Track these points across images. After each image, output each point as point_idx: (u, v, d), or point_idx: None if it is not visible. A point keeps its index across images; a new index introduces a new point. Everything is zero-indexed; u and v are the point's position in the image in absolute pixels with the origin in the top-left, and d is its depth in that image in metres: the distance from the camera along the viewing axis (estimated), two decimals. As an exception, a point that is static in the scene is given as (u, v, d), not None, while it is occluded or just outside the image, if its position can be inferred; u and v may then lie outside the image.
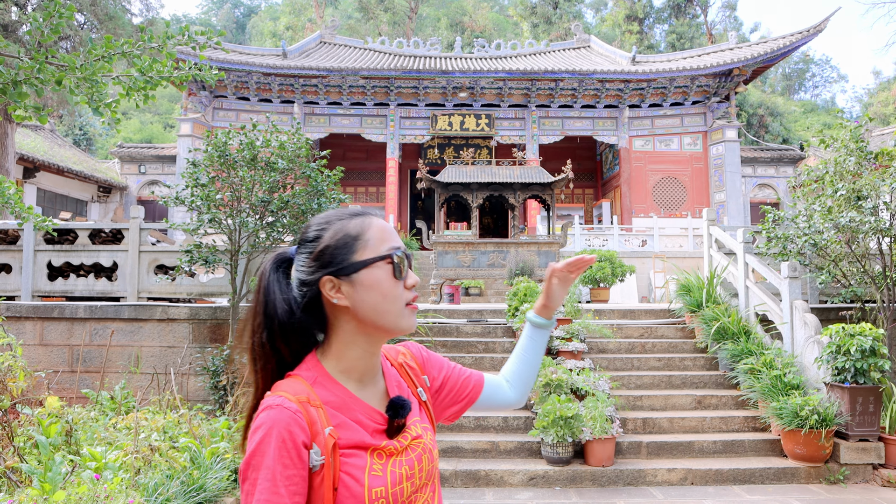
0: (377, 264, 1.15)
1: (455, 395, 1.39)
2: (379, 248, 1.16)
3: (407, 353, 1.37)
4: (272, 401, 1.09)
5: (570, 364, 6.80)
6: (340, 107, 22.58)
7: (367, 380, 1.20)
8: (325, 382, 1.15)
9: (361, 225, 1.18)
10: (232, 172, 7.22)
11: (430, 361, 1.40)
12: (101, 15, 16.85)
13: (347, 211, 1.22)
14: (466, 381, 1.41)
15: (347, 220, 1.19)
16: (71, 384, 7.56)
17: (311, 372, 1.16)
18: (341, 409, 1.13)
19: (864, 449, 5.84)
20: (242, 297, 7.53)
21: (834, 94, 61.90)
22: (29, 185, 20.45)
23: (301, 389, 1.11)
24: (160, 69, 3.71)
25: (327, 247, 1.17)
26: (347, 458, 1.09)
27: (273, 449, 1.04)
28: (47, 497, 3.49)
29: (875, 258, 7.35)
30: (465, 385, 1.40)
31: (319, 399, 1.12)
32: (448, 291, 11.89)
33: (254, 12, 58.10)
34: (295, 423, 1.06)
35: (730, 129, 21.72)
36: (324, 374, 1.16)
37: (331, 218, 1.20)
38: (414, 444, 1.19)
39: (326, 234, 1.18)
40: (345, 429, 1.11)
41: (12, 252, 8.90)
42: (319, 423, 1.09)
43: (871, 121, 8.09)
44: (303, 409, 1.08)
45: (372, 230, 1.17)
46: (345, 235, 1.17)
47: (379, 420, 1.16)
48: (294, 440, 1.05)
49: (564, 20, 37.62)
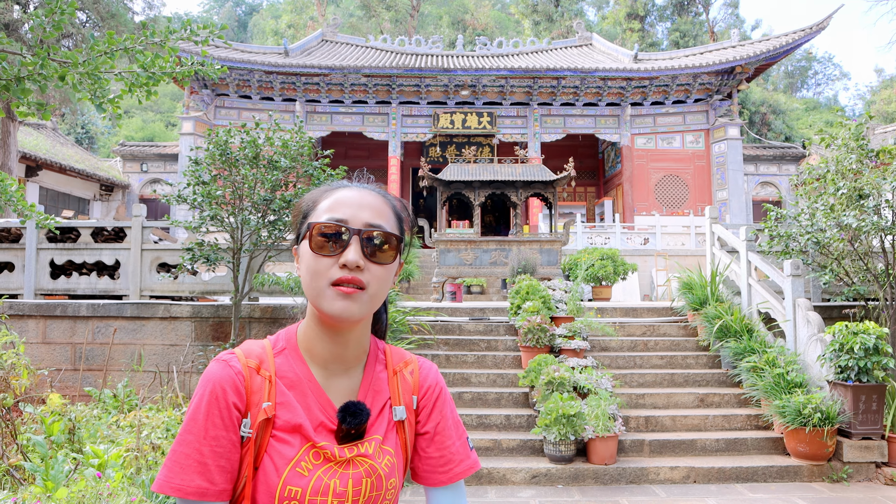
0: (307, 234, 1.04)
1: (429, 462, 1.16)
2: (320, 216, 1.04)
3: (412, 366, 1.20)
4: (222, 355, 1.05)
5: (573, 362, 6.80)
6: (342, 105, 22.57)
7: (333, 369, 1.09)
8: (290, 355, 1.08)
9: (327, 194, 1.09)
10: (234, 171, 7.22)
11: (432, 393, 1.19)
12: (104, 13, 16.87)
13: (334, 182, 1.14)
14: (450, 459, 1.16)
15: (324, 189, 1.12)
16: (74, 382, 7.57)
17: (283, 340, 1.10)
18: (294, 388, 1.05)
19: (867, 447, 5.83)
20: (244, 295, 7.53)
21: (836, 91, 61.84)
22: (31, 183, 20.47)
23: (257, 354, 1.06)
24: (162, 65, 3.71)
25: (295, 215, 1.13)
26: (278, 441, 1.01)
27: (206, 405, 0.99)
28: (50, 494, 3.50)
29: (878, 256, 7.33)
30: (447, 462, 1.16)
31: (274, 369, 1.05)
32: (450, 289, 11.90)
33: (255, 10, 58.09)
34: (231, 383, 1.01)
35: (732, 127, 21.68)
36: (293, 346, 1.09)
37: (322, 186, 1.14)
38: (358, 461, 1.04)
39: (303, 200, 1.13)
40: (288, 409, 1.03)
41: (15, 250, 8.91)
42: (260, 394, 1.02)
43: (872, 119, 8.07)
44: (247, 373, 1.03)
45: (329, 199, 1.07)
46: (309, 203, 1.11)
47: (332, 417, 1.06)
48: (227, 399, 1.00)
49: (566, 18, 37.56)
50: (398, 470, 1.11)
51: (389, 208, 1.11)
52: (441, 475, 1.15)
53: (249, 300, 8.25)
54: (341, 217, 1.03)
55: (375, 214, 1.06)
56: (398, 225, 1.10)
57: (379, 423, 1.10)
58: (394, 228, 1.08)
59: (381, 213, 1.08)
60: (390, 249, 1.05)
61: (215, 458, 0.98)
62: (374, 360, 1.15)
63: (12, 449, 4.33)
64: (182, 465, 0.97)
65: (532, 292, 8.09)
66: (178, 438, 0.99)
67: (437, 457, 1.16)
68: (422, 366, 1.21)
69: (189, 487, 0.96)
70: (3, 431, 4.39)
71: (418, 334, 7.74)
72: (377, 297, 1.05)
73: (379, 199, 1.10)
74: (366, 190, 1.10)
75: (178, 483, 0.96)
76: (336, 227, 1.02)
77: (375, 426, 1.09)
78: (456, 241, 12.51)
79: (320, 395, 1.07)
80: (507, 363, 7.56)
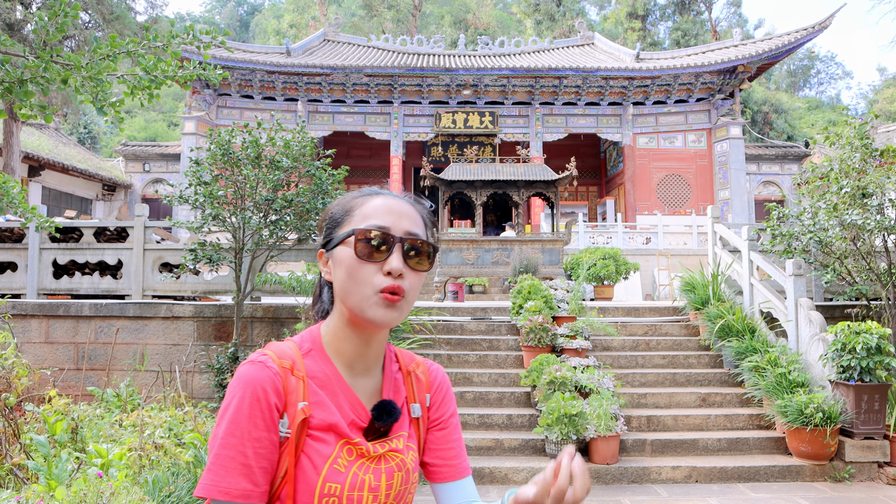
0: (347, 240, 1.06)
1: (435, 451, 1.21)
2: (360, 223, 1.07)
3: (422, 366, 1.25)
4: (256, 357, 1.06)
5: (575, 361, 6.80)
6: (344, 105, 22.58)
7: (358, 368, 1.12)
8: (317, 356, 1.10)
9: (362, 200, 1.12)
10: (236, 170, 7.23)
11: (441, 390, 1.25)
12: (106, 14, 16.89)
13: (366, 189, 1.16)
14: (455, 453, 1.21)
15: (357, 195, 1.14)
16: (76, 382, 7.59)
17: (308, 341, 1.12)
18: (325, 388, 1.07)
19: (869, 447, 5.82)
20: (246, 294, 7.54)
21: (839, 90, 61.62)
22: (34, 183, 20.52)
23: (289, 355, 1.08)
24: (164, 68, 3.72)
25: (324, 220, 1.15)
26: (315, 440, 1.03)
27: (247, 407, 0.99)
28: (53, 494, 3.51)
29: (881, 256, 7.32)
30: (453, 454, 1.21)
31: (305, 370, 1.07)
32: (452, 289, 11.90)
33: (257, 10, 58.13)
34: (271, 383, 1.02)
35: (734, 127, 21.65)
36: (319, 347, 1.12)
37: (352, 193, 1.16)
38: (390, 456, 1.09)
39: (334, 206, 1.16)
40: (322, 408, 1.05)
41: (18, 250, 8.93)
42: (296, 394, 1.04)
43: (877, 118, 8.05)
44: (283, 374, 1.04)
45: (366, 206, 1.10)
46: (340, 210, 1.13)
47: (361, 415, 1.09)
48: (268, 400, 1.01)
49: (568, 17, 37.54)
50: (418, 464, 1.17)
51: (420, 215, 1.14)
52: (451, 469, 1.20)
53: (252, 300, 8.27)
54: (384, 224, 1.06)
55: (413, 222, 1.10)
56: (426, 231, 1.14)
57: (402, 420, 1.15)
58: (426, 236, 1.13)
59: (417, 221, 1.12)
60: (426, 257, 1.10)
61: (258, 460, 0.99)
62: (389, 360, 1.20)
63: (15, 448, 4.35)
64: (227, 468, 0.97)
65: (534, 292, 8.09)
66: (220, 441, 0.99)
67: (447, 450, 1.21)
68: (430, 366, 1.26)
69: (235, 490, 0.97)
70: (6, 430, 4.40)
71: (420, 334, 7.75)
72: (412, 303, 1.09)
73: (412, 206, 1.14)
74: (400, 198, 1.13)
75: (224, 486, 0.97)
76: (380, 235, 1.05)
77: (399, 423, 1.14)
78: (458, 241, 12.52)
79: (349, 395, 1.10)
80: (508, 363, 7.57)
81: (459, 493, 1.19)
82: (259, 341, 7.79)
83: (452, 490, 1.19)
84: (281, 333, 7.73)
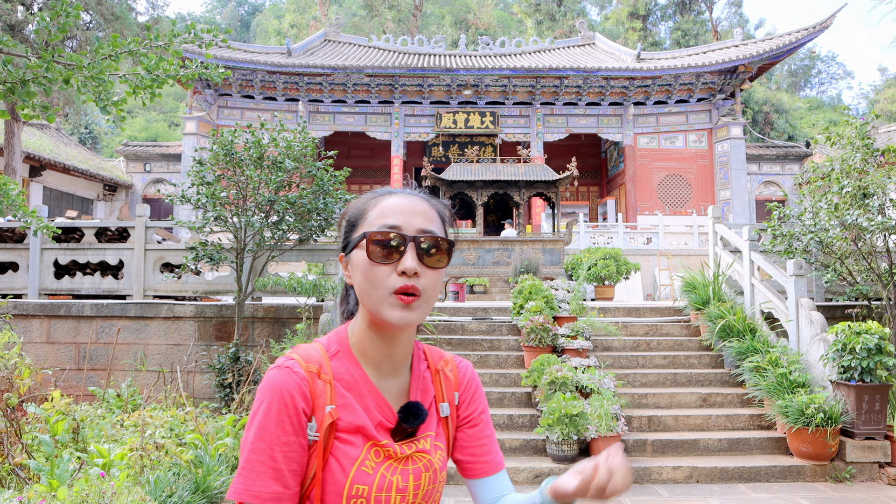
0: (361, 243, 1.06)
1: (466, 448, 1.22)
2: (373, 225, 1.07)
3: (451, 364, 1.25)
4: (283, 361, 1.07)
5: (576, 362, 6.81)
6: (345, 105, 22.59)
7: (385, 369, 1.13)
8: (344, 358, 1.11)
9: (375, 201, 1.11)
10: (238, 171, 7.23)
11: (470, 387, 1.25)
12: (107, 14, 16.90)
13: (382, 189, 1.16)
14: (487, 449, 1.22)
15: (371, 196, 1.14)
16: (78, 382, 7.60)
17: (335, 343, 1.13)
18: (352, 390, 1.08)
19: (870, 447, 5.82)
20: (248, 294, 7.55)
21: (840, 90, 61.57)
22: (35, 183, 20.54)
23: (315, 358, 1.09)
24: (166, 67, 3.72)
25: (342, 223, 1.16)
26: (343, 443, 1.04)
27: (276, 412, 1.01)
28: (55, 494, 3.51)
29: (881, 256, 7.32)
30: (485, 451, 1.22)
31: (332, 373, 1.08)
32: (453, 289, 11.90)
33: (258, 10, 58.16)
34: (298, 388, 1.03)
35: (735, 127, 21.65)
36: (346, 349, 1.12)
37: (367, 194, 1.16)
38: (417, 456, 1.09)
39: (350, 208, 1.16)
40: (349, 411, 1.06)
41: (19, 250, 8.94)
42: (323, 398, 1.05)
43: (878, 118, 8.05)
44: (310, 378, 1.05)
45: (379, 207, 1.09)
46: (355, 212, 1.13)
47: (389, 417, 1.09)
48: (295, 405, 1.02)
49: (569, 17, 37.53)
50: (446, 463, 1.17)
51: (436, 212, 1.14)
52: (484, 465, 1.21)
53: (253, 300, 8.27)
54: (395, 224, 1.06)
55: (426, 220, 1.09)
56: (444, 227, 1.14)
57: (429, 420, 1.15)
58: (443, 232, 1.12)
59: (431, 218, 1.11)
60: (442, 254, 1.08)
61: (288, 463, 1.01)
62: (417, 359, 1.20)
63: (17, 448, 4.36)
64: (257, 473, 0.99)
65: (535, 292, 8.09)
66: (250, 446, 1.01)
67: (478, 446, 1.21)
68: (459, 364, 1.26)
69: (266, 493, 0.99)
70: (8, 430, 4.41)
71: (421, 334, 7.75)
72: (431, 301, 1.09)
73: (426, 203, 1.13)
74: (413, 196, 1.13)
75: (255, 490, 0.99)
76: (391, 235, 1.05)
77: (426, 424, 1.14)
78: (458, 241, 12.51)
79: (377, 396, 1.10)
80: (509, 363, 7.57)
81: (493, 488, 1.21)
82: (260, 341, 7.80)
83: (486, 485, 1.21)
84: (282, 334, 7.74)
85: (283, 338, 7.59)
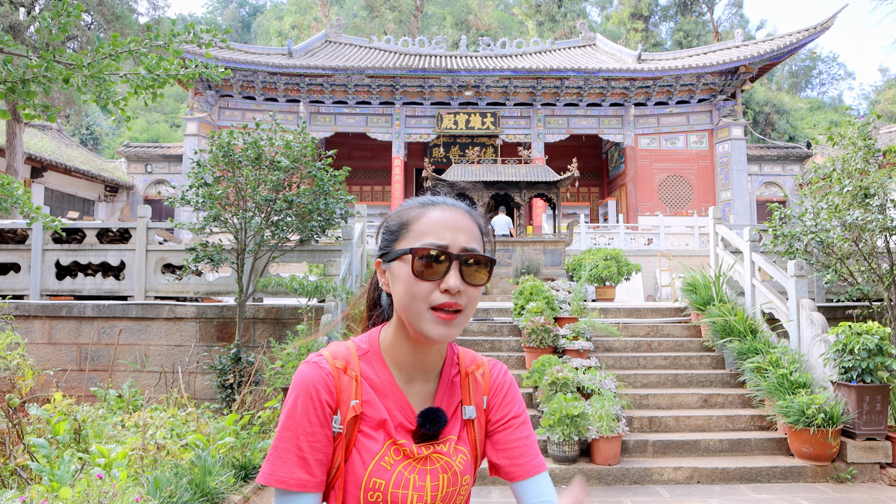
0: (404, 257, 1.07)
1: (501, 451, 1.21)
2: (417, 240, 1.08)
3: (483, 367, 1.25)
4: (312, 357, 1.11)
5: (576, 362, 6.80)
6: (346, 106, 22.61)
7: (414, 374, 1.15)
8: (373, 359, 1.14)
9: (418, 213, 1.12)
10: (236, 171, 7.24)
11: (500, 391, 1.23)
12: (108, 15, 16.92)
13: (424, 198, 1.17)
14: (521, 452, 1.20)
15: (413, 207, 1.15)
16: (79, 382, 7.60)
17: (367, 343, 1.16)
18: (377, 390, 1.11)
19: (871, 448, 5.82)
20: (249, 295, 7.55)
21: (841, 91, 61.58)
22: (37, 184, 20.56)
23: (343, 355, 1.12)
24: (167, 67, 3.73)
25: (383, 230, 1.17)
26: (365, 437, 1.08)
27: (301, 404, 1.06)
28: (57, 494, 3.52)
29: (882, 256, 7.32)
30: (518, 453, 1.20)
31: (359, 371, 1.11)
32: (453, 290, 11.88)
33: (259, 11, 58.21)
34: (323, 383, 1.07)
35: (736, 127, 21.65)
36: (376, 352, 1.15)
37: (408, 203, 1.17)
38: (435, 458, 1.11)
39: (391, 217, 1.17)
40: (373, 407, 1.10)
41: (21, 251, 8.95)
42: (348, 392, 1.09)
43: (879, 118, 8.05)
44: (336, 374, 1.09)
45: (423, 220, 1.10)
46: (398, 221, 1.14)
47: (410, 419, 1.12)
48: (320, 398, 1.06)
49: (569, 18, 37.55)
50: (471, 468, 1.17)
51: (478, 227, 1.14)
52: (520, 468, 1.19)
53: (254, 301, 8.28)
54: (441, 243, 1.07)
55: (470, 237, 1.10)
56: (483, 243, 1.14)
57: (453, 424, 1.16)
58: (483, 248, 1.13)
59: (474, 235, 1.11)
60: (484, 271, 1.09)
61: (313, 453, 1.05)
62: (449, 364, 1.20)
63: (19, 448, 4.36)
64: (284, 460, 1.05)
65: (536, 293, 8.09)
66: (277, 435, 1.07)
67: (512, 449, 1.20)
68: (492, 368, 1.26)
69: (291, 479, 1.04)
70: (10, 431, 4.42)
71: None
72: (469, 316, 1.10)
73: (469, 218, 1.13)
74: (457, 209, 1.13)
75: (281, 475, 1.04)
76: (437, 254, 1.06)
77: (450, 427, 1.15)
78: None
79: (401, 399, 1.13)
80: (510, 364, 7.57)
81: (532, 491, 1.20)
82: (261, 342, 7.80)
83: (525, 487, 1.20)
84: (283, 335, 7.75)
85: (285, 339, 7.60)
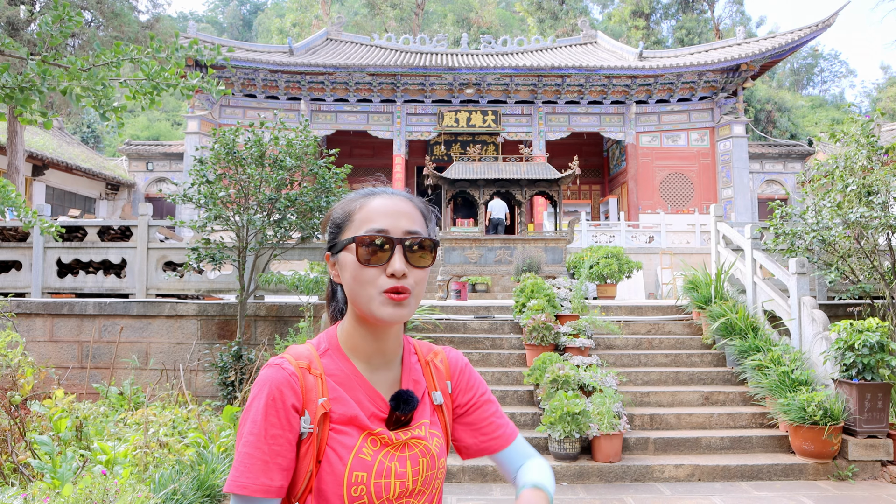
0: (350, 246, 1.10)
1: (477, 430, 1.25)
2: (360, 228, 1.10)
3: (441, 355, 1.28)
4: (274, 360, 1.11)
5: (578, 360, 6.81)
6: (347, 103, 22.60)
7: (376, 363, 1.16)
8: (334, 354, 1.14)
9: (360, 203, 1.14)
10: (239, 170, 7.24)
11: (463, 375, 1.28)
12: (108, 13, 16.89)
13: (366, 189, 1.19)
14: (496, 426, 1.26)
15: (355, 198, 1.17)
16: (81, 380, 7.62)
17: (325, 342, 1.17)
18: (343, 384, 1.11)
19: (872, 445, 5.82)
20: (250, 293, 7.56)
21: (842, 89, 61.49)
22: (38, 182, 20.57)
23: (306, 355, 1.12)
24: (167, 77, 3.73)
25: (329, 224, 1.18)
26: (337, 433, 1.07)
27: (263, 406, 1.05)
28: (59, 491, 3.53)
29: (884, 254, 7.31)
30: (493, 427, 1.26)
31: (322, 369, 1.11)
32: (455, 288, 11.91)
33: (260, 9, 58.17)
34: (288, 385, 1.07)
35: (737, 125, 21.62)
36: (335, 347, 1.16)
37: (351, 195, 1.19)
38: (413, 443, 1.12)
39: (335, 210, 1.19)
40: (341, 403, 1.09)
41: (22, 249, 8.96)
42: (315, 391, 1.08)
43: (883, 115, 8.04)
44: (300, 374, 1.09)
45: (365, 209, 1.12)
46: (342, 213, 1.16)
47: (381, 407, 1.12)
48: (283, 401, 1.06)
49: (571, 16, 37.49)
50: (444, 451, 1.20)
51: (419, 211, 1.17)
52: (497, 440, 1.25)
53: (255, 298, 8.29)
54: (382, 227, 1.09)
55: (411, 220, 1.12)
56: (427, 225, 1.17)
57: (422, 409, 1.18)
58: (426, 231, 1.15)
59: (415, 218, 1.14)
60: (427, 252, 1.12)
61: (274, 457, 1.04)
62: (408, 352, 1.23)
63: (21, 446, 4.37)
64: (247, 465, 1.03)
65: (537, 290, 8.09)
66: (242, 440, 1.05)
67: (486, 426, 1.25)
68: (449, 354, 1.30)
69: (254, 485, 1.02)
70: (12, 429, 4.43)
71: (423, 332, 7.76)
72: (419, 297, 1.13)
73: (409, 203, 1.16)
74: (397, 196, 1.15)
75: (243, 482, 1.02)
76: (379, 239, 1.08)
77: (420, 412, 1.17)
78: (460, 240, 12.51)
79: (368, 388, 1.13)
80: (511, 361, 7.57)
81: (516, 455, 1.26)
82: (262, 340, 7.81)
83: (509, 454, 1.26)
84: (284, 332, 7.76)
85: (286, 336, 7.61)
